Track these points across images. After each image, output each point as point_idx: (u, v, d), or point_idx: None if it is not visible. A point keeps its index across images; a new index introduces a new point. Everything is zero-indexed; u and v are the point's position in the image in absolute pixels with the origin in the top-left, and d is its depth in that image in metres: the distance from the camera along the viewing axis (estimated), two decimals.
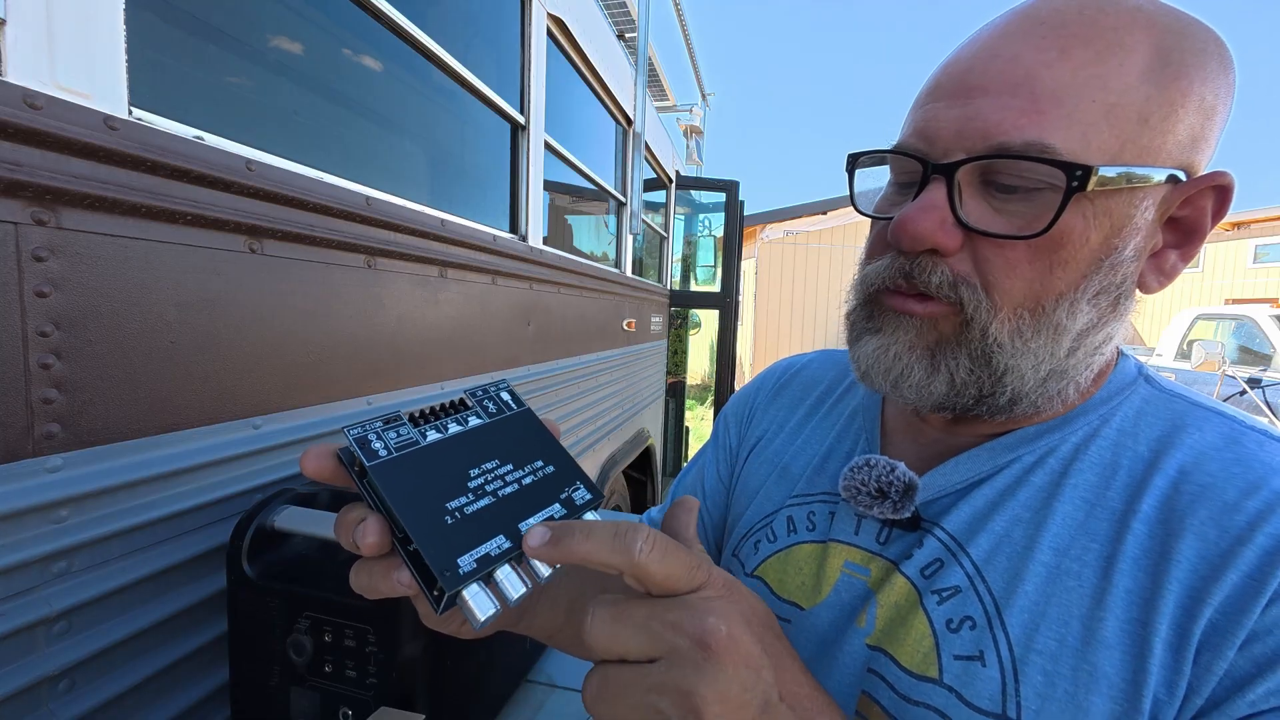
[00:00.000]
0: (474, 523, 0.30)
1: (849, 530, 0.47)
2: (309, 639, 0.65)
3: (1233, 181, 0.37)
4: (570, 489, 0.33)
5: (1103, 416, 0.42)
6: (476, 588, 0.28)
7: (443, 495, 0.30)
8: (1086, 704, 0.34)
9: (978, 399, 0.40)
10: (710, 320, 5.25)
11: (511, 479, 0.33)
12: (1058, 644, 0.36)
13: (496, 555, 0.29)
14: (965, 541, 0.41)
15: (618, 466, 2.54)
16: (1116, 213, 0.36)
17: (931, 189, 0.38)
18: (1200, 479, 0.37)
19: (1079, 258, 0.37)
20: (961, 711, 0.37)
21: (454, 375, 1.27)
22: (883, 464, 0.44)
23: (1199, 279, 10.27)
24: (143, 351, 0.64)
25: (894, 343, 0.41)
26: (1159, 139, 0.36)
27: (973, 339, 0.39)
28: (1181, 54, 0.35)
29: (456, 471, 0.32)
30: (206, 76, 0.83)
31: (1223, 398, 4.98)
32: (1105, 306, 0.39)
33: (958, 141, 0.37)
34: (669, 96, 5.30)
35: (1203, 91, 0.36)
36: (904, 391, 0.41)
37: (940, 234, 0.38)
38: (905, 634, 0.41)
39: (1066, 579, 0.37)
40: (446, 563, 0.28)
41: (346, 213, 0.91)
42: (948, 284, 0.38)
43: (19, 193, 0.53)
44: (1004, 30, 0.38)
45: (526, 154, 1.63)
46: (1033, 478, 0.41)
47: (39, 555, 0.56)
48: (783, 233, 9.75)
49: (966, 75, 0.38)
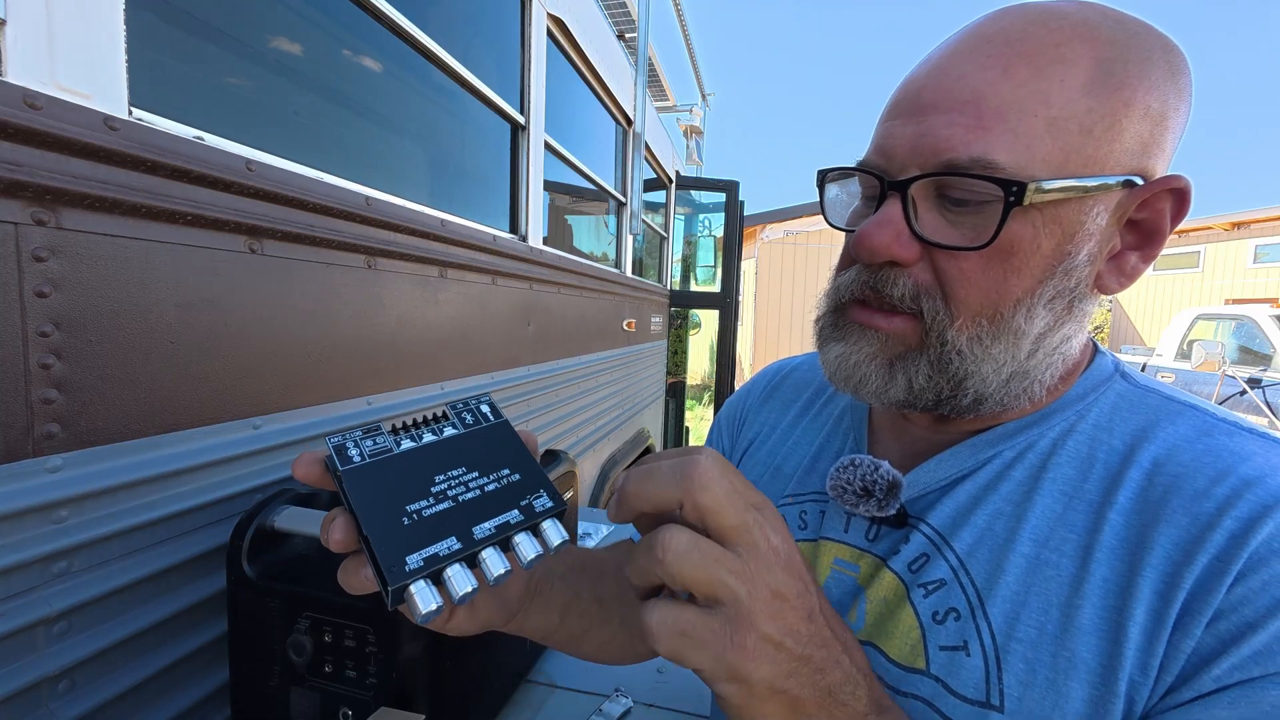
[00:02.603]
0: (429, 524, 0.32)
1: (839, 528, 0.49)
2: (309, 639, 0.65)
3: (1189, 185, 0.39)
4: (532, 496, 0.35)
5: (1079, 412, 0.44)
6: (423, 584, 0.30)
7: (405, 498, 0.32)
8: (1066, 689, 0.36)
9: (937, 401, 0.42)
10: (710, 320, 5.25)
11: (475, 485, 0.34)
12: (1038, 632, 0.37)
13: (445, 555, 0.31)
14: (949, 535, 0.43)
15: (618, 466, 2.54)
16: (1067, 220, 0.38)
17: (888, 204, 0.40)
18: (1172, 469, 0.38)
19: (1032, 264, 0.39)
20: (948, 701, 0.38)
21: (454, 375, 1.27)
22: (867, 463, 0.45)
23: (1199, 279, 10.27)
24: (143, 351, 0.64)
25: (855, 351, 0.43)
26: (1104, 148, 0.37)
27: (932, 346, 0.41)
28: (1124, 65, 0.37)
29: (423, 477, 0.34)
30: (206, 76, 0.83)
31: (1223, 398, 4.98)
32: (1061, 309, 0.40)
33: (912, 158, 0.39)
34: (669, 96, 5.31)
35: (1148, 100, 0.37)
36: (863, 395, 0.44)
37: (896, 246, 0.40)
38: (894, 627, 0.42)
39: (1046, 569, 0.39)
40: (394, 559, 0.30)
41: (346, 213, 0.91)
42: (910, 295, 0.41)
43: (19, 193, 0.53)
44: (955, 49, 0.39)
45: (526, 154, 1.63)
46: (1013, 472, 0.43)
47: (39, 555, 0.56)
48: (783, 233, 9.75)
49: (920, 94, 0.40)
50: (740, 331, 7.09)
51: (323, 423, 0.90)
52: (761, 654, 0.29)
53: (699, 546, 0.29)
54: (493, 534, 0.32)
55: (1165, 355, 6.12)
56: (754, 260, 9.79)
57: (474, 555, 0.32)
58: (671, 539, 0.29)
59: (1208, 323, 6.07)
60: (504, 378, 1.50)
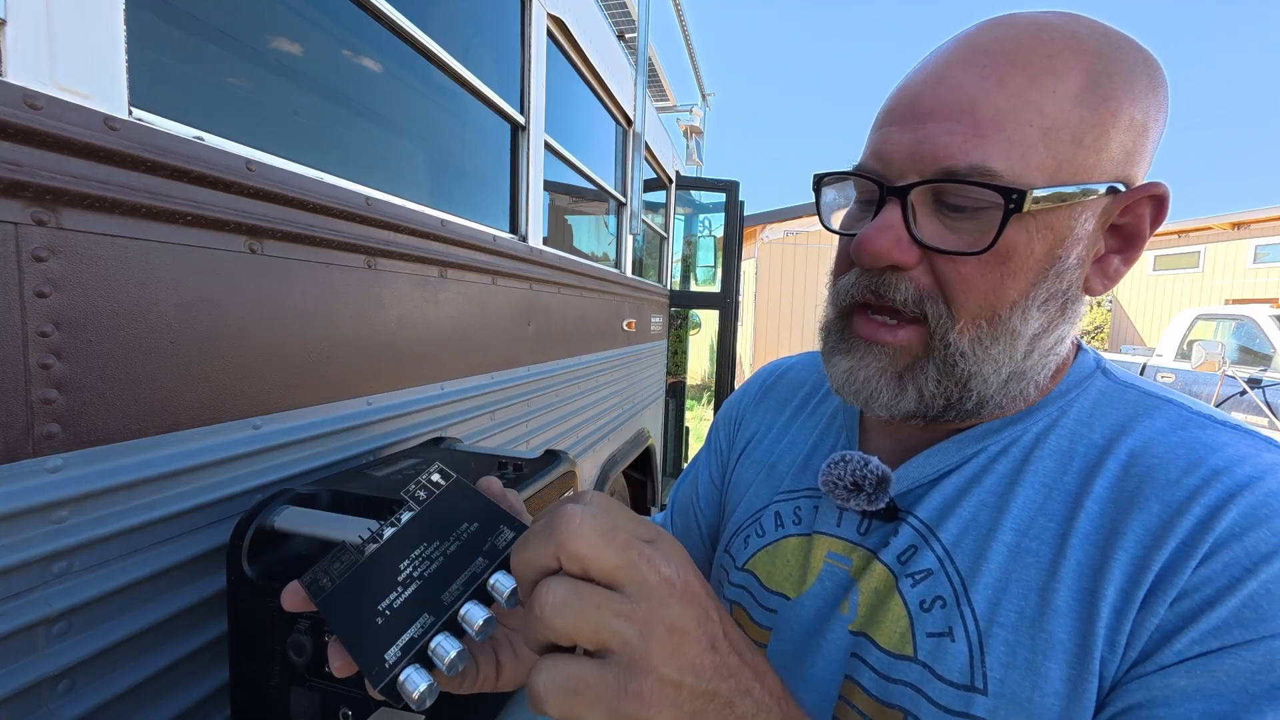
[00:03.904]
0: (401, 613, 0.32)
1: (831, 523, 0.50)
2: (309, 639, 0.65)
3: (1167, 191, 0.40)
4: (494, 536, 0.35)
5: (1061, 408, 0.45)
6: (410, 671, 0.30)
7: (375, 599, 0.33)
8: (1045, 670, 0.37)
9: (946, 407, 0.43)
10: (710, 320, 5.25)
11: (437, 554, 0.35)
12: (1018, 616, 0.39)
13: (422, 634, 0.31)
14: (936, 527, 0.44)
15: (618, 467, 2.54)
16: (1058, 226, 0.39)
17: (888, 209, 0.41)
18: (1148, 461, 0.40)
19: (1026, 268, 0.40)
20: (935, 686, 0.40)
21: (454, 375, 1.27)
22: (857, 459, 0.47)
23: (1199, 279, 10.26)
24: (143, 351, 0.64)
25: (862, 368, 0.44)
26: (1093, 157, 0.39)
27: (936, 350, 0.42)
28: (1110, 77, 0.38)
29: (389, 572, 0.34)
30: (206, 76, 0.83)
31: (1223, 398, 4.98)
32: (1054, 311, 0.42)
33: (911, 164, 0.40)
34: (669, 96, 5.31)
35: (1132, 111, 0.39)
36: (875, 408, 0.45)
37: (896, 251, 0.41)
38: (884, 617, 0.44)
39: (1026, 556, 0.40)
40: (373, 662, 0.30)
41: (346, 213, 0.91)
42: (913, 299, 0.42)
43: (19, 193, 0.53)
44: (950, 58, 0.40)
45: (526, 154, 1.63)
46: (997, 466, 0.44)
47: (39, 555, 0.56)
48: (783, 233, 9.75)
49: (916, 101, 0.41)
50: (740, 331, 7.09)
51: (323, 423, 0.90)
52: (660, 698, 0.27)
53: (577, 594, 0.27)
54: (462, 590, 0.32)
55: (1165, 355, 6.12)
56: (754, 260, 9.78)
57: (453, 618, 0.31)
58: (546, 592, 0.27)
59: (1208, 323, 6.07)
60: (504, 378, 1.50)
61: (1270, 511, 0.35)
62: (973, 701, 0.38)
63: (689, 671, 0.28)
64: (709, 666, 0.28)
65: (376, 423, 1.02)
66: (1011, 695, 0.38)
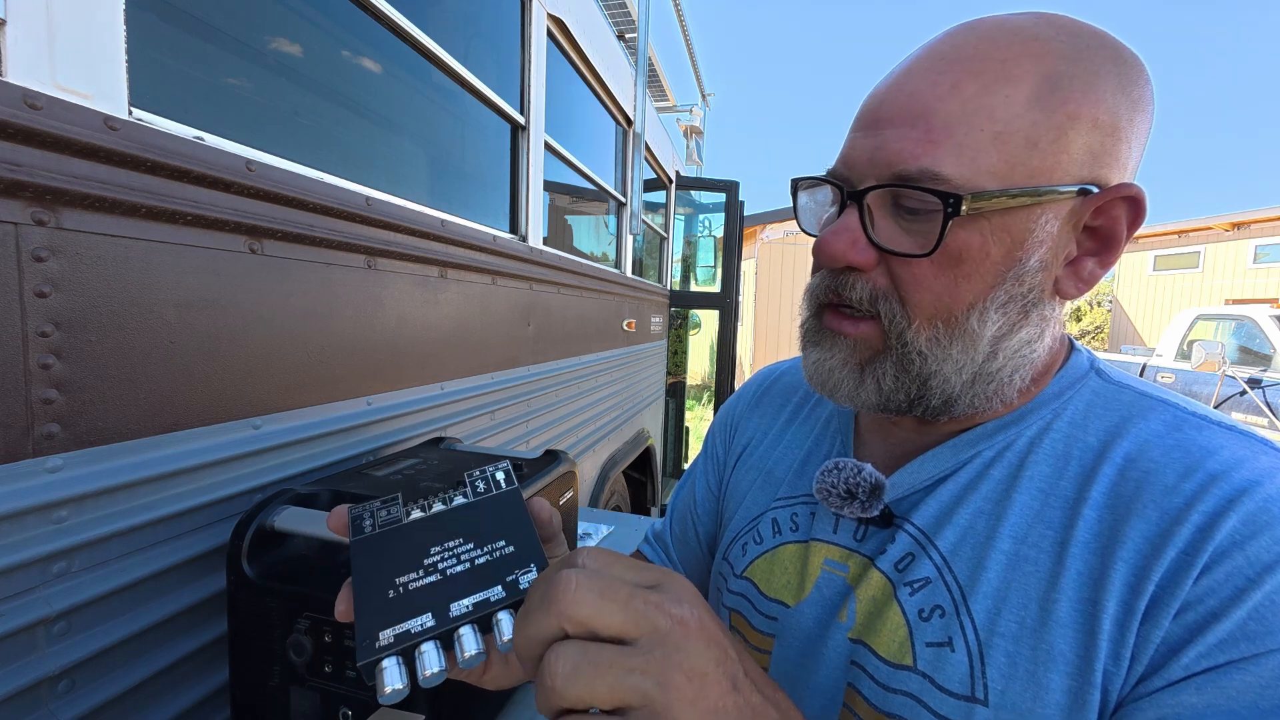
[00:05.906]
0: (411, 598, 0.32)
1: (828, 529, 0.50)
2: (309, 639, 0.65)
3: (1141, 193, 0.40)
4: (521, 571, 0.34)
5: (1055, 410, 0.45)
6: (394, 662, 0.29)
7: (397, 570, 0.33)
8: (1046, 681, 0.37)
9: (909, 403, 0.44)
10: (710, 320, 5.25)
11: (467, 557, 0.34)
12: (1018, 626, 0.39)
13: (417, 633, 0.30)
14: (933, 534, 0.44)
15: (618, 467, 2.54)
16: (1015, 228, 0.39)
17: (847, 213, 0.43)
18: (1144, 465, 0.39)
19: (982, 271, 0.40)
20: (935, 696, 0.40)
21: (454, 375, 1.27)
22: (850, 466, 0.46)
23: (1199, 279, 10.26)
24: (143, 351, 0.64)
25: (829, 358, 0.46)
26: (1051, 159, 0.38)
27: (894, 348, 0.43)
28: (1071, 79, 0.38)
29: (421, 548, 0.34)
30: (206, 76, 0.83)
31: (1223, 398, 4.98)
32: (1015, 314, 0.42)
33: (870, 169, 0.41)
34: (669, 97, 5.31)
35: (1095, 112, 0.38)
36: (838, 399, 0.46)
37: (853, 253, 0.42)
38: (882, 625, 0.44)
39: (1025, 565, 0.40)
40: (368, 633, 0.30)
41: (346, 213, 0.91)
42: (868, 299, 0.43)
43: (19, 193, 0.53)
44: (911, 66, 0.41)
45: (526, 154, 1.63)
46: (992, 471, 0.44)
47: (39, 555, 0.56)
48: (783, 233, 9.75)
49: (879, 108, 0.42)
50: (740, 331, 7.09)
51: (323, 423, 0.90)
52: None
53: (587, 656, 0.26)
54: (469, 612, 0.31)
55: (1165, 355, 6.12)
56: (754, 260, 9.78)
57: (450, 633, 0.31)
58: (556, 661, 0.26)
59: (1208, 323, 6.07)
60: (504, 378, 1.50)
61: (1270, 519, 0.34)
62: (973, 712, 0.38)
63: (712, 715, 0.27)
64: (732, 709, 0.27)
65: (376, 423, 1.02)
66: (1012, 706, 0.37)
